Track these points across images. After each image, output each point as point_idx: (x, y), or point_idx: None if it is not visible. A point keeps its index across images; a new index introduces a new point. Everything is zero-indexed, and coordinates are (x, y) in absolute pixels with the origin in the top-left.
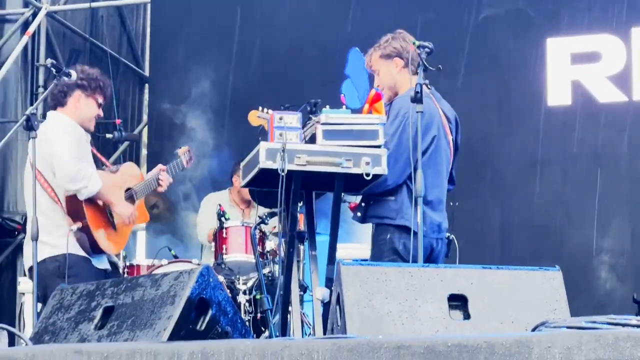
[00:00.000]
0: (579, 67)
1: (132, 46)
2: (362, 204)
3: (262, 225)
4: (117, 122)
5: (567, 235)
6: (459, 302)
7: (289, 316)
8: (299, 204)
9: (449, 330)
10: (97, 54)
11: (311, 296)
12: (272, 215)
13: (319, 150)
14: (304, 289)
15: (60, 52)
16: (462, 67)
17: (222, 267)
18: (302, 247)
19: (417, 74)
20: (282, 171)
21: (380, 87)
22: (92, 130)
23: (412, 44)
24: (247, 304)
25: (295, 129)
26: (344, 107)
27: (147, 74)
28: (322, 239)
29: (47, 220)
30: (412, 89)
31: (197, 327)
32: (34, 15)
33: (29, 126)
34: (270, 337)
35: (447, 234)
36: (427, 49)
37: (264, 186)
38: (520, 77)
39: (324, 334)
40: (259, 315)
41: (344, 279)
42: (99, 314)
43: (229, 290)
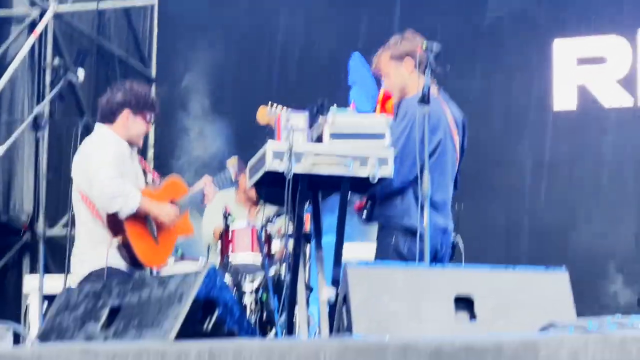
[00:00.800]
0: (585, 70)
1: (139, 47)
2: (368, 204)
3: (269, 225)
4: None
5: (572, 238)
6: (465, 303)
7: (295, 317)
8: (306, 204)
9: (455, 331)
10: (104, 55)
11: (317, 297)
12: (278, 215)
13: (326, 151)
14: (310, 289)
15: (67, 53)
16: (468, 69)
17: (229, 267)
18: (308, 247)
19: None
20: (289, 173)
21: (389, 89)
22: (140, 146)
23: (420, 45)
24: (253, 305)
25: (302, 130)
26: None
27: (153, 75)
28: (327, 239)
29: (88, 235)
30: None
31: (204, 327)
32: (41, 15)
33: (35, 126)
34: (276, 337)
35: (452, 236)
36: (435, 51)
37: (271, 186)
38: (526, 80)
39: (330, 335)
40: (265, 315)
41: (350, 280)
42: (105, 313)
43: (235, 290)
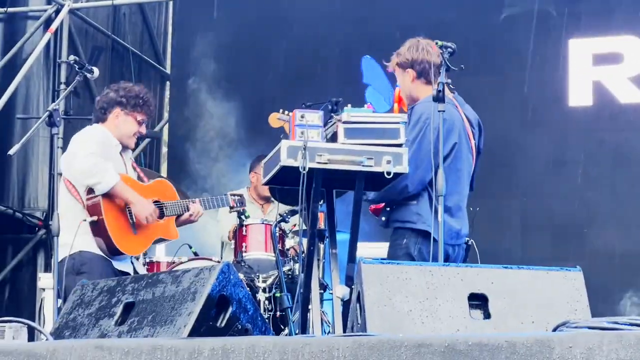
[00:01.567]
0: (600, 68)
1: (154, 43)
2: (387, 209)
3: (283, 223)
4: None
5: (588, 235)
6: (479, 301)
7: (309, 314)
8: (320, 202)
9: (469, 329)
10: (119, 51)
11: (331, 294)
12: (292, 213)
13: (341, 148)
14: (323, 287)
15: (82, 49)
16: (483, 67)
17: (242, 264)
18: (322, 245)
19: (430, 83)
20: (304, 169)
21: (401, 92)
22: (132, 147)
23: (435, 44)
24: (267, 302)
25: (316, 127)
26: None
27: (168, 71)
28: (341, 238)
29: (66, 217)
30: (429, 96)
31: (217, 324)
32: (57, 12)
33: (51, 122)
34: (289, 335)
35: (467, 239)
36: (449, 49)
37: (285, 184)
38: (541, 78)
39: (344, 333)
40: (279, 313)
41: (364, 278)
42: (119, 310)
43: (248, 288)
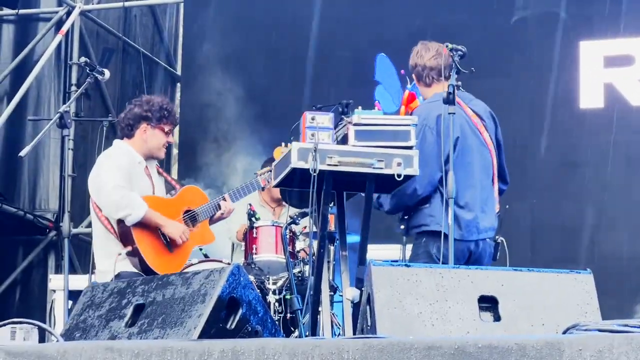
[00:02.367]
0: (611, 71)
1: (165, 45)
2: (405, 217)
3: (293, 225)
4: None
5: (598, 238)
6: (489, 303)
7: (319, 316)
8: (330, 204)
9: (479, 331)
10: (130, 52)
11: (341, 297)
12: (303, 215)
13: (351, 150)
14: (334, 289)
15: (93, 51)
16: (494, 69)
17: (252, 266)
18: (332, 247)
19: (429, 86)
20: (314, 171)
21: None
22: (162, 156)
23: (445, 46)
24: (277, 304)
25: (327, 129)
26: (380, 112)
27: (179, 73)
28: (351, 239)
29: (101, 249)
30: (431, 97)
31: (228, 326)
32: (68, 14)
33: (62, 124)
34: (299, 337)
35: (496, 238)
36: (460, 52)
37: (295, 186)
38: (552, 80)
39: (354, 335)
40: (289, 315)
41: (374, 280)
42: (129, 311)
43: (258, 290)
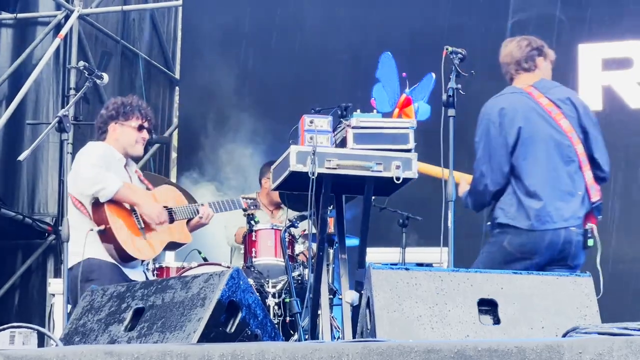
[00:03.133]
0: (610, 73)
1: (163, 49)
2: (492, 213)
3: (292, 228)
4: None
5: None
6: (488, 306)
7: (318, 320)
8: (329, 207)
9: (478, 335)
10: (129, 56)
11: (341, 300)
12: (302, 218)
13: (350, 153)
14: (333, 292)
15: (91, 55)
16: (493, 71)
17: (252, 270)
18: (331, 250)
19: (512, 80)
20: (313, 174)
21: None
22: (141, 153)
23: (445, 49)
24: (276, 307)
25: (325, 133)
26: (374, 112)
27: (177, 76)
28: (351, 242)
29: (74, 230)
30: (500, 94)
31: (227, 330)
32: (67, 17)
33: (60, 128)
34: (299, 340)
35: (591, 226)
36: (460, 55)
37: (294, 189)
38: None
39: (353, 338)
40: (288, 318)
41: (374, 283)
42: (129, 315)
43: (258, 293)
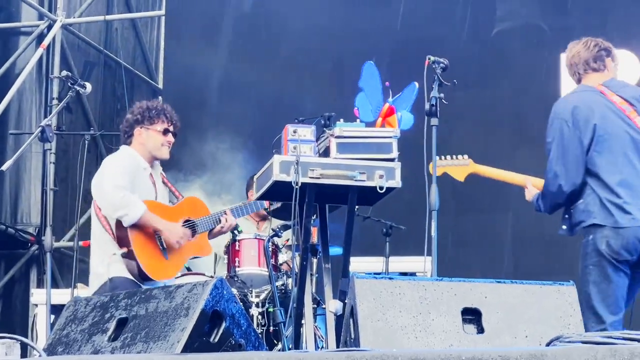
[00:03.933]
0: None
1: (146, 58)
2: (566, 217)
3: (275, 237)
4: None
5: (580, 250)
6: (472, 316)
7: (302, 329)
8: (313, 217)
9: (462, 344)
10: (111, 66)
11: (324, 309)
12: (285, 228)
13: (333, 163)
14: (317, 301)
15: (74, 64)
16: (476, 81)
17: (235, 279)
18: (315, 260)
19: (580, 81)
20: (296, 184)
21: None
22: (167, 156)
23: (427, 59)
24: (260, 317)
25: (309, 142)
26: (357, 121)
27: (160, 86)
28: (334, 252)
29: (97, 250)
30: (571, 92)
31: (211, 339)
32: (49, 27)
33: (43, 138)
34: (283, 350)
35: None
36: (442, 65)
37: (278, 199)
38: (534, 92)
39: (337, 347)
40: (272, 328)
41: (357, 292)
42: (112, 325)
43: (241, 302)
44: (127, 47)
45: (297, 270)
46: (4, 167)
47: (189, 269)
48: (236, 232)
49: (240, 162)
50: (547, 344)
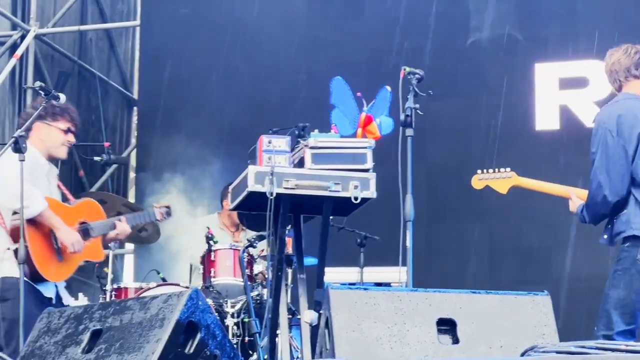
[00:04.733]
0: (566, 92)
1: (121, 69)
2: (608, 227)
3: (251, 248)
4: (106, 145)
5: (555, 259)
6: (447, 326)
7: (277, 340)
8: (288, 227)
9: (437, 354)
10: (86, 76)
11: (299, 319)
12: (260, 238)
13: (308, 173)
14: (292, 312)
15: (48, 75)
16: (450, 91)
17: (211, 290)
18: (290, 270)
19: (620, 89)
20: (271, 195)
21: None
22: (64, 156)
23: (403, 70)
24: (235, 327)
25: (283, 153)
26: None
27: (135, 96)
28: (309, 262)
29: None
30: (614, 100)
31: (186, 351)
32: (22, 37)
33: (17, 148)
34: None
35: None
36: (417, 76)
37: (253, 209)
38: (508, 102)
39: (312, 358)
40: (247, 338)
41: (332, 303)
42: (86, 337)
43: (217, 313)
44: (101, 57)
45: (272, 280)
46: None
47: (164, 279)
48: (212, 242)
49: (214, 173)
50: (522, 354)
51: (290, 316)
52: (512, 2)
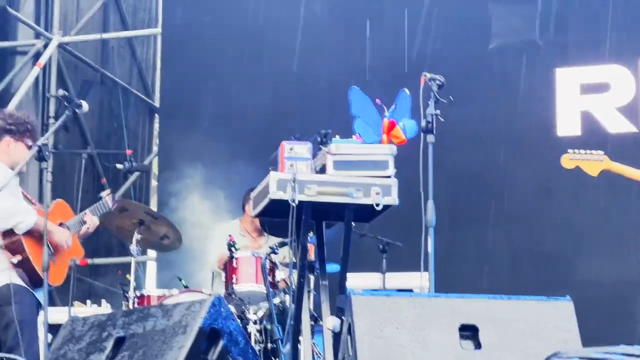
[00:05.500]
0: (588, 98)
1: (143, 77)
2: None
3: (273, 255)
4: (128, 152)
5: (577, 264)
6: (469, 332)
7: (300, 346)
8: (310, 234)
9: None
10: (108, 84)
11: (322, 326)
12: (282, 244)
13: (329, 180)
14: (314, 318)
15: (71, 83)
16: (471, 97)
17: (233, 297)
18: (312, 276)
19: None
20: (293, 202)
21: None
22: (24, 171)
23: (423, 76)
24: (258, 334)
25: (305, 159)
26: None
27: (157, 104)
28: (331, 268)
29: None
30: None
31: (209, 357)
32: (45, 46)
33: (40, 157)
34: None
35: None
36: (438, 82)
37: (275, 216)
38: (529, 107)
39: None
40: (270, 345)
41: (355, 309)
42: (110, 344)
43: (239, 320)
44: (123, 65)
45: (294, 287)
46: (0, 186)
47: (186, 286)
48: (233, 249)
49: (235, 182)
50: None
51: (312, 322)
52: (533, 8)
